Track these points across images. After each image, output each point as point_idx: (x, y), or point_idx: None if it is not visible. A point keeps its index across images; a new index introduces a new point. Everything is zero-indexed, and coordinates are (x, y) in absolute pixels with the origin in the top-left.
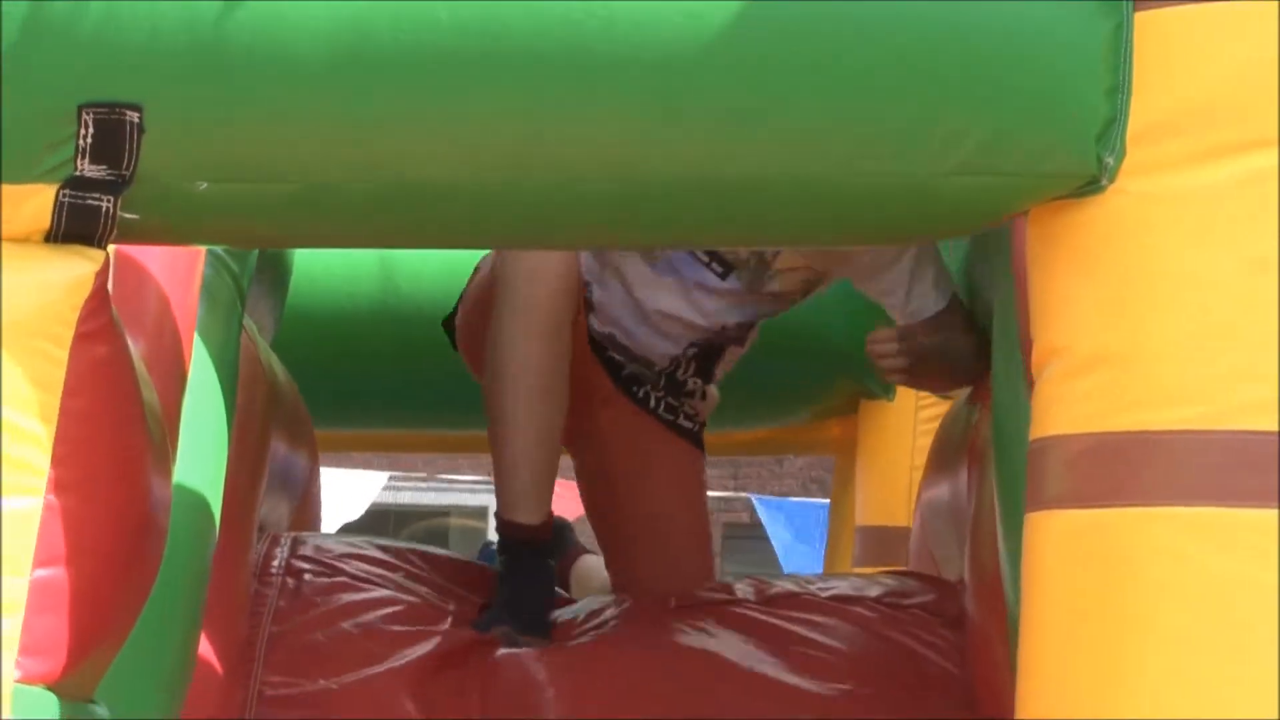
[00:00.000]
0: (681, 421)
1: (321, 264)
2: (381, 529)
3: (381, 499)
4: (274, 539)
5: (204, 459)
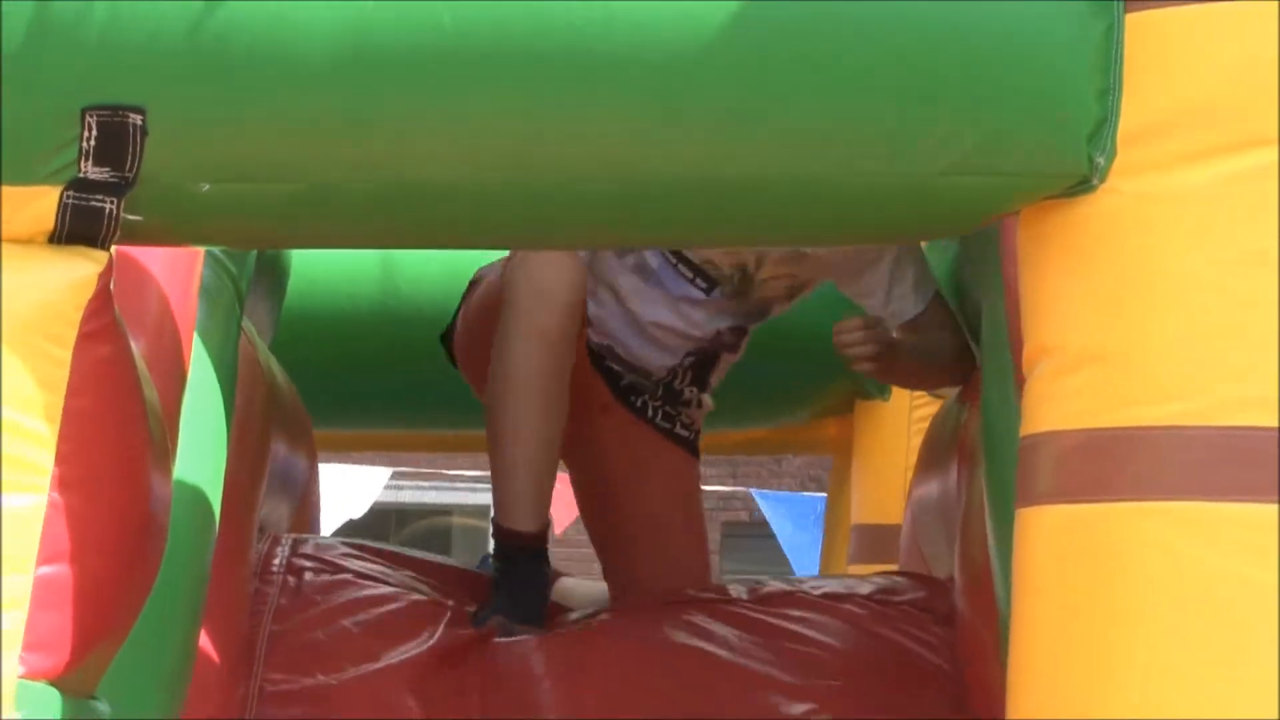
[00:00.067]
0: (679, 430)
1: (322, 265)
2: (382, 527)
3: (382, 498)
4: (275, 539)
5: (204, 458)
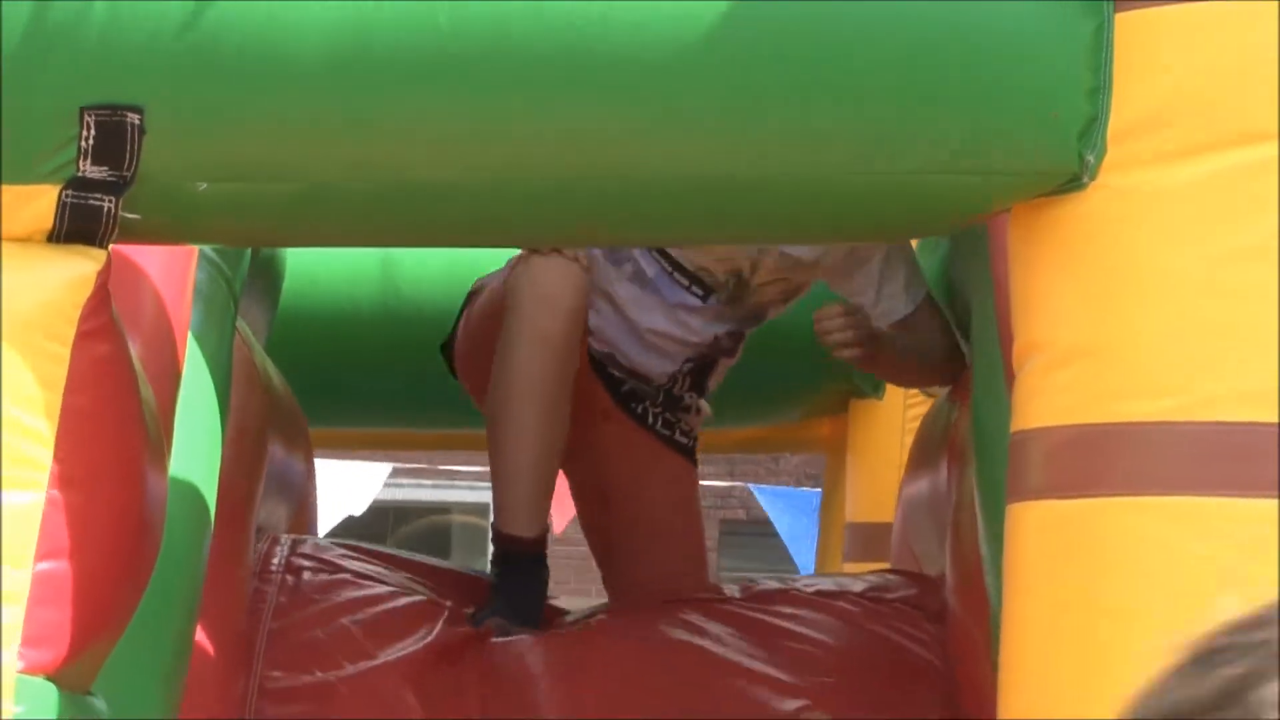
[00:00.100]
0: (678, 438)
1: (322, 265)
2: (380, 526)
3: (380, 496)
4: (274, 539)
5: (199, 457)
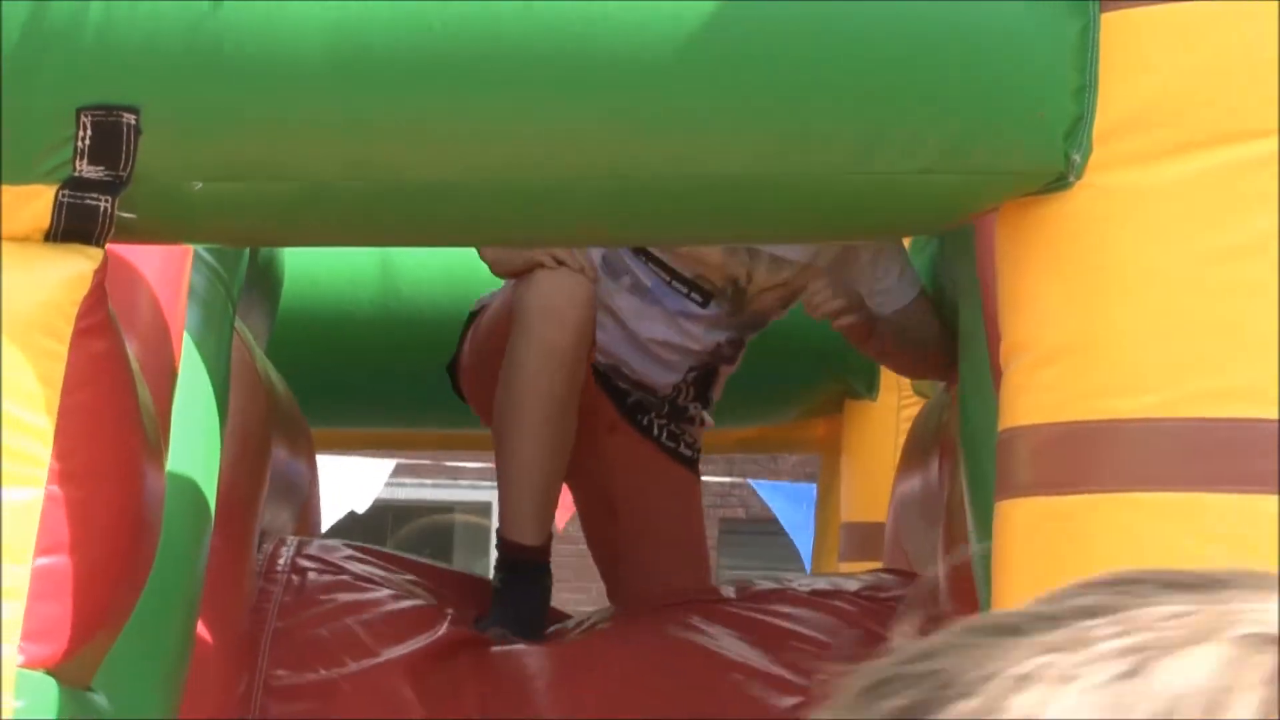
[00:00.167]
0: (682, 449)
1: (322, 266)
2: (380, 526)
3: (381, 495)
4: (280, 540)
5: (198, 457)
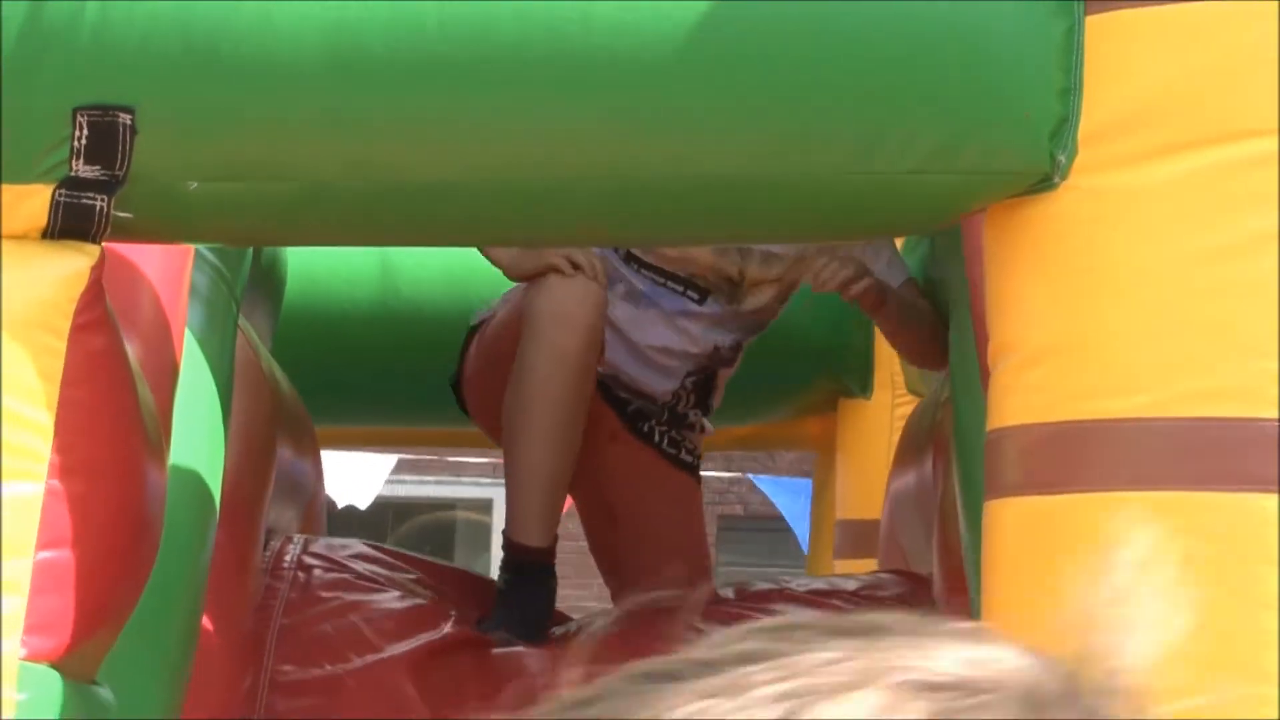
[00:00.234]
0: (683, 456)
1: (322, 265)
2: (381, 522)
3: (382, 492)
4: (286, 538)
5: (201, 455)
